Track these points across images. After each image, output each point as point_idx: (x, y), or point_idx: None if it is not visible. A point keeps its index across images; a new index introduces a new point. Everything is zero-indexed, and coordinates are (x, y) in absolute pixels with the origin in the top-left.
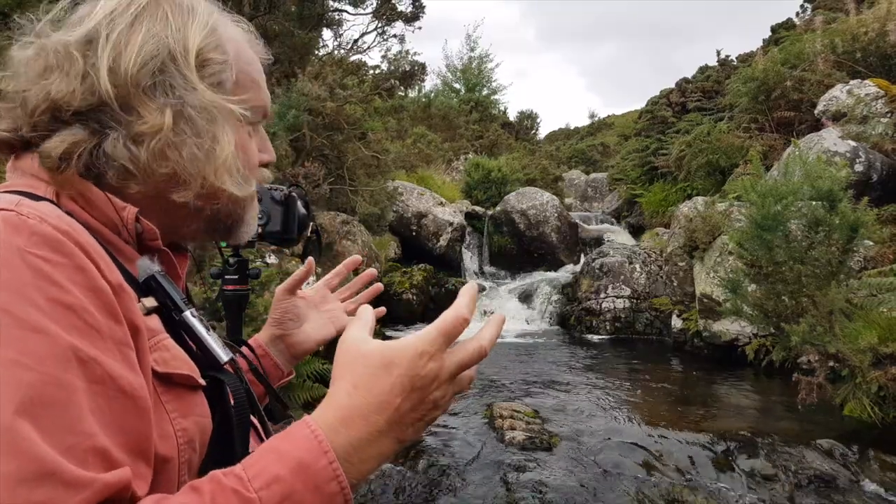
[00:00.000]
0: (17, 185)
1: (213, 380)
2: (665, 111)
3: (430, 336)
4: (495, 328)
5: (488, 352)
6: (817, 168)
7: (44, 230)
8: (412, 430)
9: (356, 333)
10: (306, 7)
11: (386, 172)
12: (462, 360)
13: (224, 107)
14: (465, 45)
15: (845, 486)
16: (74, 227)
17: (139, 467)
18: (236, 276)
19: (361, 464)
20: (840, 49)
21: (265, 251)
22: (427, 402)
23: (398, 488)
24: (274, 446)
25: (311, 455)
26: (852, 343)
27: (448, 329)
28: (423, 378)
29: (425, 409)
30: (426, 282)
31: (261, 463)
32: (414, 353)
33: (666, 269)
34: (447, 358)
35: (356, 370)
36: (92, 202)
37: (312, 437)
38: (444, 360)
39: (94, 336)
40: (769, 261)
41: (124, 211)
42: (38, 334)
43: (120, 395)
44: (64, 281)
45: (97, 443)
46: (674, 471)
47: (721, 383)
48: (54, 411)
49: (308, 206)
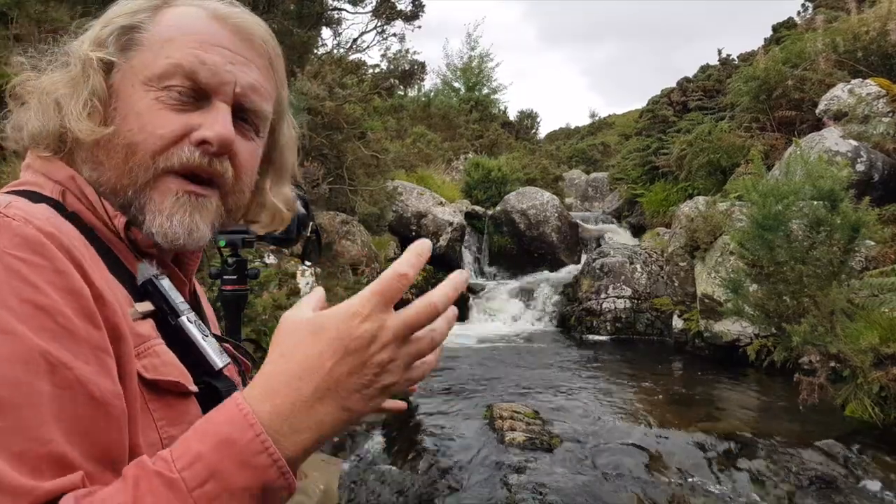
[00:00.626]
0: (24, 184)
1: (208, 386)
2: (666, 110)
3: (363, 296)
4: (450, 285)
5: (440, 309)
6: (819, 168)
7: (26, 232)
8: (358, 397)
9: (296, 310)
10: (305, 6)
11: (385, 172)
12: (408, 319)
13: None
14: (466, 44)
15: (846, 486)
16: (63, 230)
17: (105, 476)
18: (235, 276)
19: (295, 434)
20: (841, 48)
21: (264, 251)
22: (370, 365)
23: (398, 489)
24: (200, 424)
25: (236, 428)
26: (854, 343)
27: (383, 287)
28: (358, 339)
29: (370, 373)
30: (426, 282)
31: (186, 442)
32: (345, 315)
33: (667, 269)
34: (388, 318)
35: (285, 340)
36: (94, 205)
37: (237, 410)
38: (383, 321)
39: (66, 339)
40: (770, 261)
41: (116, 219)
42: (5, 335)
43: (89, 402)
44: (40, 282)
45: (55, 449)
46: (674, 471)
47: (722, 384)
48: (9, 415)
49: (307, 206)
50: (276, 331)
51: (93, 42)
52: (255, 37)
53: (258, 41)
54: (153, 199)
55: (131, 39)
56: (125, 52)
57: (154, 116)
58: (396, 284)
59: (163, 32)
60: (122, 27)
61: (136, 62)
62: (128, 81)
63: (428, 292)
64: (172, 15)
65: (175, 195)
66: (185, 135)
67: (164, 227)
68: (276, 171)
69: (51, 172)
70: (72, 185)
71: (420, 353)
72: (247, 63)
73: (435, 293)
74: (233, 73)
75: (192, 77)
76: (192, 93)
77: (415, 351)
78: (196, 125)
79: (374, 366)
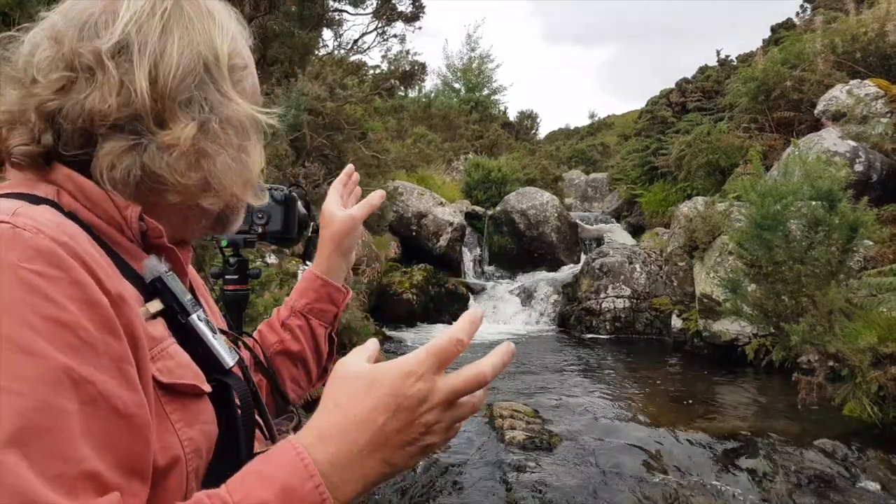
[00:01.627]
0: (17, 186)
1: (219, 383)
2: (665, 111)
3: (419, 356)
4: (500, 356)
5: (489, 379)
6: (817, 168)
7: (39, 243)
8: (402, 454)
9: (352, 358)
10: (306, 7)
11: (386, 172)
12: (456, 386)
13: (254, 118)
14: (466, 45)
15: (845, 485)
16: (73, 236)
17: (132, 486)
18: (237, 275)
19: (344, 484)
20: (840, 49)
21: (265, 251)
22: (417, 424)
23: (398, 488)
24: (258, 469)
25: (297, 478)
26: (852, 343)
27: (440, 350)
28: (410, 398)
29: (416, 432)
30: (426, 282)
31: (245, 486)
32: (399, 373)
33: (666, 268)
34: (440, 381)
35: (341, 390)
36: (94, 201)
37: (298, 459)
38: (435, 383)
39: (88, 353)
40: (769, 261)
41: (127, 210)
42: (30, 356)
43: (113, 415)
44: (59, 297)
45: (88, 467)
46: (674, 470)
47: (721, 383)
48: (44, 439)
49: (308, 206)
50: (330, 378)
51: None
52: None
53: None
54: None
55: (246, 87)
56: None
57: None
58: (452, 349)
59: (251, 78)
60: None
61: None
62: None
63: (479, 361)
64: (244, 46)
65: None
66: None
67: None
68: None
69: (44, 172)
70: (68, 184)
71: (461, 417)
72: None
73: (485, 363)
74: None
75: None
76: None
77: (458, 415)
78: None
79: (420, 425)
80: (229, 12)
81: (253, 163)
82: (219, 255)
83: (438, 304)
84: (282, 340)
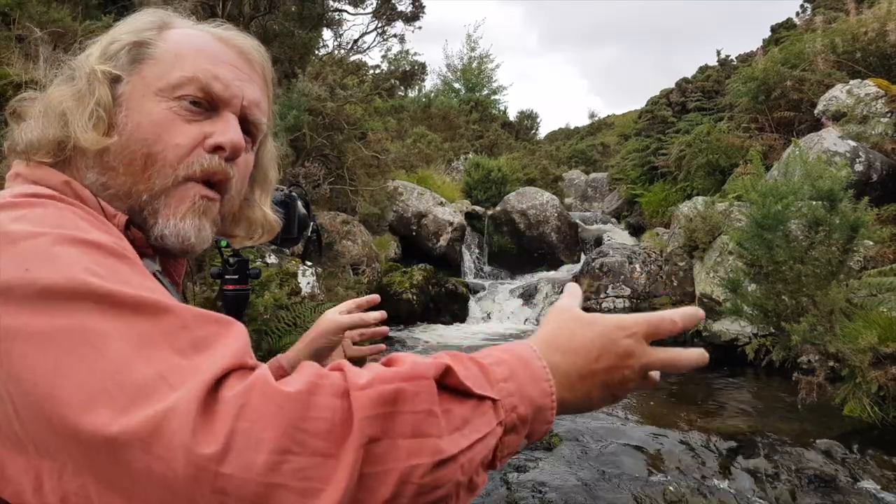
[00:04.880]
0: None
1: None
2: (665, 111)
3: (636, 318)
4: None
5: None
6: (817, 168)
7: (76, 202)
8: (601, 394)
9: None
10: (306, 7)
11: (386, 172)
12: (658, 356)
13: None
14: (466, 45)
15: (845, 485)
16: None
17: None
18: (236, 276)
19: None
20: (840, 49)
21: (265, 251)
22: (618, 372)
23: None
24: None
25: (530, 356)
26: (852, 343)
27: (654, 320)
28: (620, 347)
29: (616, 379)
30: (426, 282)
31: (484, 351)
32: (616, 324)
33: (666, 268)
34: (647, 347)
35: (563, 318)
36: (91, 206)
37: (530, 348)
38: (642, 345)
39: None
40: (769, 260)
41: (115, 219)
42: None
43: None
44: (113, 233)
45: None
46: (674, 470)
47: (721, 383)
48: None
49: (308, 206)
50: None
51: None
52: (254, 58)
53: (257, 63)
54: (170, 204)
55: (141, 53)
56: (135, 64)
57: (171, 126)
58: (666, 325)
59: (173, 48)
60: (133, 42)
61: (147, 73)
62: (138, 92)
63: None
64: (179, 34)
65: (192, 200)
66: (200, 143)
67: (177, 228)
68: (261, 184)
69: (43, 179)
70: (66, 190)
71: (644, 388)
72: (250, 80)
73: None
74: (241, 88)
75: (206, 89)
76: (203, 104)
77: (643, 385)
78: (209, 133)
79: (620, 375)
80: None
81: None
82: (218, 255)
83: (438, 304)
84: None
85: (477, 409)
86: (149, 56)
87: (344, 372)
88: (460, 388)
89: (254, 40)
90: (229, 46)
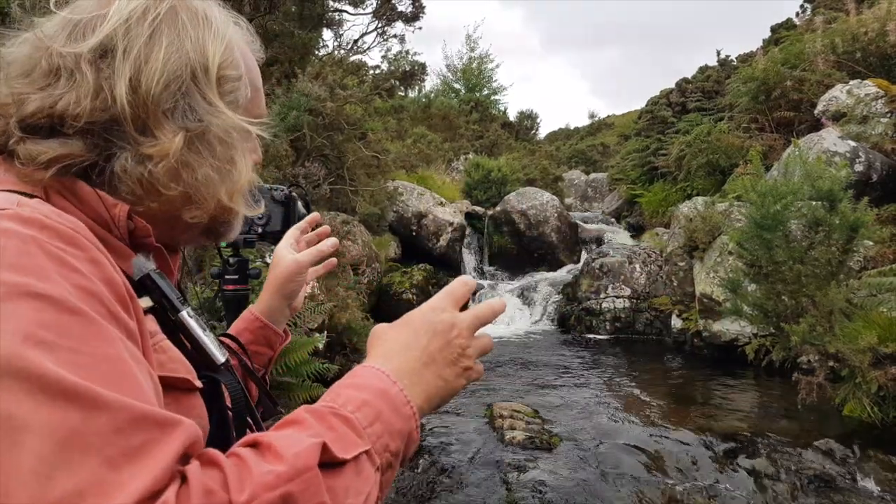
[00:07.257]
0: (6, 183)
1: (210, 380)
2: (665, 111)
3: (437, 296)
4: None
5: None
6: (817, 168)
7: (53, 225)
8: (450, 371)
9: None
10: (306, 7)
11: (386, 172)
12: (477, 312)
13: (243, 128)
14: (466, 45)
15: (845, 486)
16: (78, 225)
17: None
18: (236, 275)
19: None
20: (840, 49)
21: (265, 251)
22: (453, 345)
23: (398, 488)
24: (347, 383)
25: (385, 384)
26: (852, 343)
27: (452, 289)
28: (442, 323)
29: (454, 352)
30: (426, 282)
31: (343, 395)
32: (427, 308)
33: (666, 268)
34: (461, 314)
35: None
36: (83, 199)
37: (378, 371)
38: (456, 313)
39: (115, 324)
40: (769, 260)
41: (115, 208)
42: (75, 316)
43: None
44: (84, 269)
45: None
46: (674, 470)
47: (721, 383)
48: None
49: (308, 206)
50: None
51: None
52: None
53: None
54: None
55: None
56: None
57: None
58: (463, 288)
59: (254, 81)
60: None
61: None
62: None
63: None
64: (246, 56)
65: None
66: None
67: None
68: None
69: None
70: (55, 182)
71: (484, 348)
72: None
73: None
74: None
75: (260, 116)
76: None
77: (481, 346)
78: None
79: (456, 346)
80: (229, 19)
81: (239, 174)
82: (218, 255)
83: None
84: None
85: (354, 470)
86: (243, 97)
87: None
88: (336, 460)
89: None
90: (255, 53)
